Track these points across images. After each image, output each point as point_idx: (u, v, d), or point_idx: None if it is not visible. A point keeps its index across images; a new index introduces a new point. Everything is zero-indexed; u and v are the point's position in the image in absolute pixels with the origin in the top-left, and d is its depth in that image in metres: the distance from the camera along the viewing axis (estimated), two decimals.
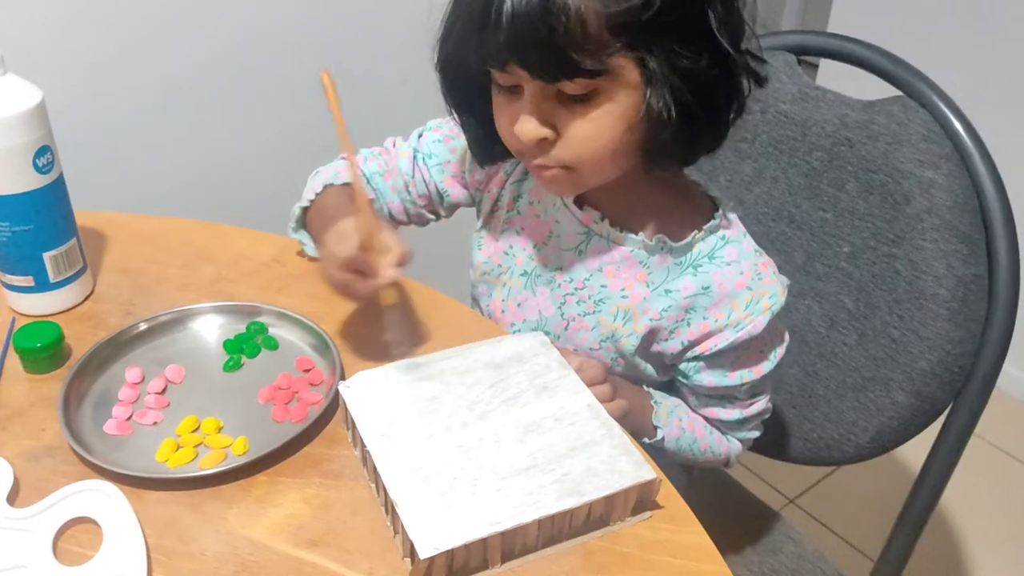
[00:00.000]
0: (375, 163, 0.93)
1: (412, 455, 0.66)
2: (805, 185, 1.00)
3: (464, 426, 0.69)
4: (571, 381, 0.74)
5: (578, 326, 0.86)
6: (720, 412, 0.88)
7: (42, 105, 0.78)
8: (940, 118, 0.91)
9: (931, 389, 0.93)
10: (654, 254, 0.82)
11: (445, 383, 0.73)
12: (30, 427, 0.73)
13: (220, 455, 0.71)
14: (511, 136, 0.75)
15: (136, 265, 0.92)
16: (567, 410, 0.71)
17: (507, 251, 0.90)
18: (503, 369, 0.74)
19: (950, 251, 0.89)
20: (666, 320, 0.82)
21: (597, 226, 0.83)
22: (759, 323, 0.81)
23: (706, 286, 0.81)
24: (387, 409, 0.70)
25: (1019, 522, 1.70)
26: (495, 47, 0.68)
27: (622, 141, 0.73)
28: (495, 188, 0.91)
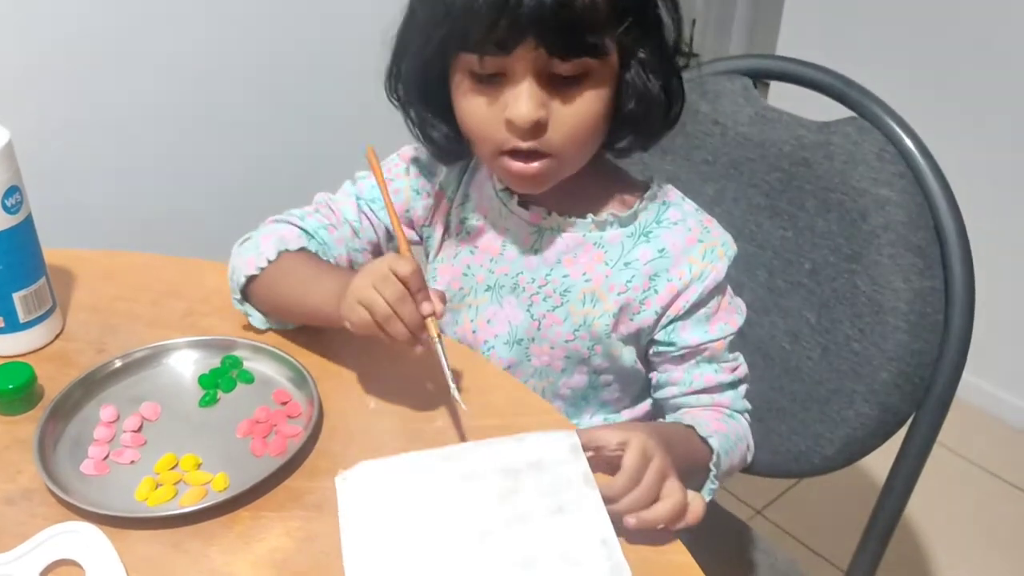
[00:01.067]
0: (315, 219, 0.91)
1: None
2: (765, 205, 1.03)
3: (461, 551, 0.63)
4: (590, 505, 0.65)
5: (550, 322, 0.88)
6: (714, 375, 0.88)
7: (10, 145, 0.78)
8: (893, 137, 0.94)
9: (893, 400, 0.95)
10: (605, 231, 0.86)
11: (452, 489, 0.66)
12: (5, 470, 0.73)
13: (200, 492, 0.70)
14: (491, 128, 0.77)
15: (105, 303, 0.91)
16: (577, 546, 0.63)
17: (465, 272, 0.91)
18: (519, 478, 0.67)
19: (907, 265, 0.92)
20: (633, 291, 0.85)
21: (546, 220, 0.86)
22: (720, 268, 0.85)
23: (661, 249, 0.85)
24: (380, 518, 0.65)
25: (983, 527, 1.74)
26: (510, 30, 0.70)
27: (601, 124, 0.78)
28: (441, 217, 0.93)
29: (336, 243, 0.91)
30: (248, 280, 0.85)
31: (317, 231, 0.90)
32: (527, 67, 0.73)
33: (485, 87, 0.76)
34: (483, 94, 0.76)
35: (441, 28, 0.75)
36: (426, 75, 0.80)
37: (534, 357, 0.89)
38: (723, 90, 1.06)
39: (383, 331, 0.72)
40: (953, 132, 1.41)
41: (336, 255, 0.91)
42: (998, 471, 1.85)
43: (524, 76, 0.74)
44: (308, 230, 0.90)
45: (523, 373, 0.90)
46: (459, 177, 0.92)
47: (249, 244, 0.88)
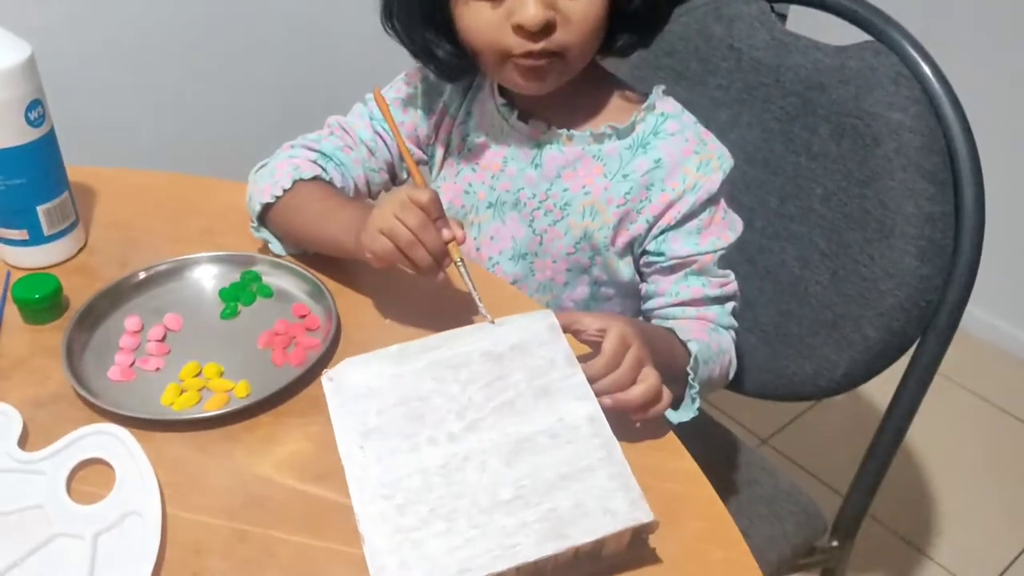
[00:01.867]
0: (330, 142, 0.92)
1: (389, 474, 0.62)
2: (779, 130, 1.03)
3: (451, 439, 0.64)
4: (576, 384, 0.67)
5: (551, 236, 0.90)
6: (702, 288, 0.89)
7: (32, 59, 0.79)
8: (909, 62, 0.93)
9: (900, 324, 0.97)
10: (603, 143, 0.87)
11: (437, 379, 0.67)
12: (34, 376, 0.75)
13: (223, 398, 0.73)
14: (500, 35, 0.78)
15: (127, 219, 0.93)
16: (565, 423, 0.65)
17: (467, 190, 0.93)
18: (503, 363, 0.68)
19: (918, 191, 0.93)
20: (631, 202, 0.87)
21: (546, 134, 0.88)
22: (714, 180, 0.86)
23: (657, 159, 0.86)
24: (368, 410, 0.66)
25: (982, 456, 1.77)
26: None
27: (604, 19, 0.79)
28: (444, 134, 0.94)
29: (353, 163, 0.92)
30: (264, 208, 0.86)
31: (334, 153, 0.91)
32: None
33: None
34: (487, 1, 0.77)
35: None
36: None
37: (538, 271, 0.91)
38: (739, 14, 1.06)
39: (407, 258, 0.73)
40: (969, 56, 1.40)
41: (355, 175, 0.92)
42: (1001, 403, 1.88)
43: None
44: (325, 152, 0.91)
45: (528, 287, 0.92)
46: (463, 95, 0.93)
47: (264, 171, 0.89)
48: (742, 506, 1.07)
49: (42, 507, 0.64)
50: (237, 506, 0.65)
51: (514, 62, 0.80)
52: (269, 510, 0.65)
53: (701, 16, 1.09)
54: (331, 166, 0.90)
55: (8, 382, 0.75)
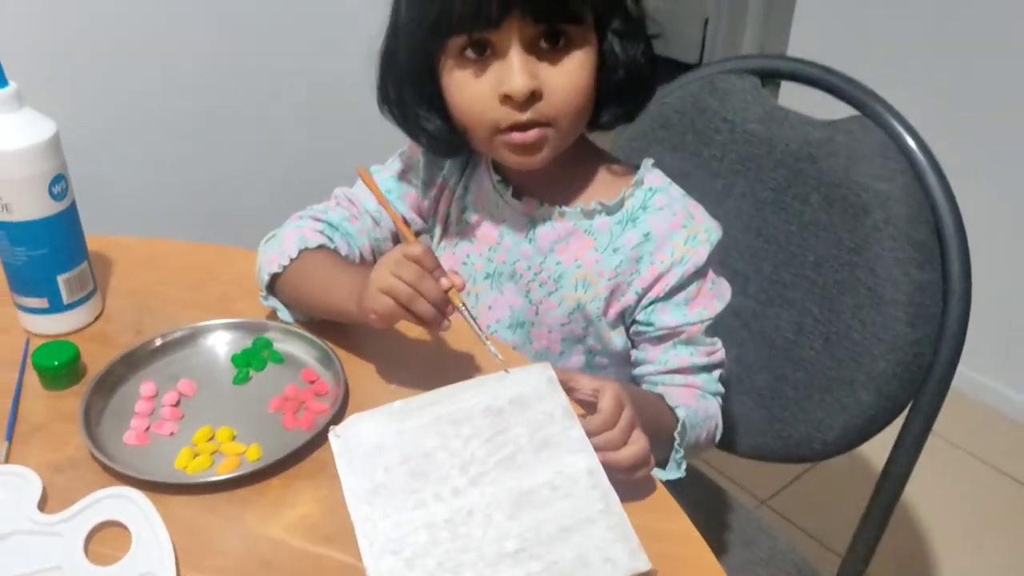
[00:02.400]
0: (337, 213, 0.96)
1: (397, 530, 0.65)
2: (772, 199, 1.07)
3: (455, 494, 0.66)
4: (573, 437, 0.69)
5: (546, 307, 0.93)
6: (690, 357, 0.92)
7: (56, 136, 0.83)
8: (895, 135, 0.98)
9: (892, 388, 0.99)
10: (594, 219, 0.90)
11: (440, 434, 0.70)
12: (53, 440, 0.78)
13: (235, 461, 0.75)
14: (486, 107, 0.81)
15: (143, 286, 0.96)
16: (565, 476, 0.67)
17: (465, 261, 0.96)
18: (503, 417, 0.71)
19: (906, 258, 0.96)
20: (622, 275, 0.90)
21: (539, 211, 0.91)
22: (701, 253, 0.89)
23: (646, 233, 0.89)
24: (375, 467, 0.68)
25: (978, 515, 1.78)
26: (500, 4, 0.75)
27: (591, 90, 0.83)
28: (443, 208, 0.98)
29: (359, 233, 0.96)
30: (272, 277, 0.89)
31: (340, 223, 0.95)
32: (515, 40, 0.78)
33: (475, 69, 0.80)
34: (474, 76, 0.81)
35: (430, 14, 0.79)
36: (415, 69, 0.84)
37: (535, 340, 0.94)
38: (732, 88, 1.10)
39: (409, 312, 0.75)
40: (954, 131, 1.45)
41: (361, 244, 0.95)
42: (996, 463, 1.89)
43: (513, 49, 0.78)
44: (332, 222, 0.94)
45: (525, 355, 0.95)
46: (461, 170, 0.96)
47: (273, 242, 0.92)
48: (740, 567, 1.08)
49: (60, 568, 0.66)
50: (249, 568, 0.67)
51: (503, 139, 0.83)
52: (279, 571, 0.67)
53: (696, 90, 1.14)
54: (337, 235, 0.93)
55: (28, 446, 0.77)
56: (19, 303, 0.88)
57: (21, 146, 0.80)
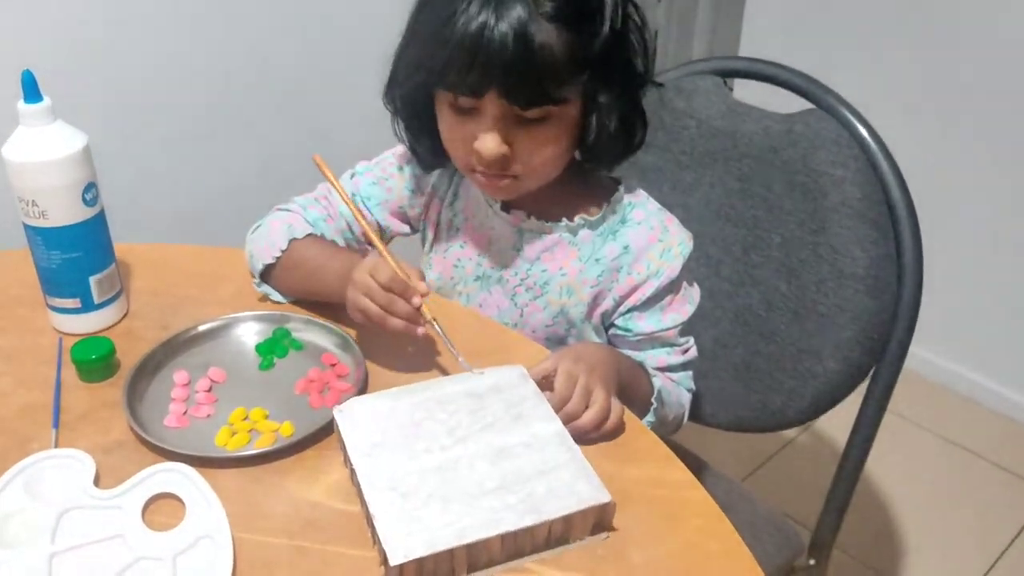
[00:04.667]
0: (316, 210, 1.02)
1: (393, 474, 0.74)
2: (739, 188, 1.17)
3: (443, 449, 0.76)
4: (544, 411, 0.81)
5: (531, 310, 1.01)
6: (666, 358, 1.01)
7: (88, 147, 0.89)
8: (847, 125, 1.08)
9: (856, 355, 1.09)
10: (578, 233, 0.98)
11: (428, 410, 0.80)
12: (98, 426, 0.84)
13: (272, 436, 0.82)
14: (465, 153, 0.89)
15: (164, 287, 1.03)
16: (537, 436, 0.78)
17: (456, 264, 1.03)
18: (482, 399, 0.82)
19: (863, 236, 1.06)
20: (603, 283, 0.98)
21: (526, 223, 0.98)
22: (675, 267, 0.97)
23: (625, 246, 0.97)
24: (374, 432, 0.78)
25: (937, 489, 1.89)
26: (479, 79, 0.82)
27: (564, 154, 0.91)
28: (434, 215, 1.04)
29: (334, 233, 1.02)
30: (266, 267, 0.97)
31: (317, 222, 1.01)
32: (494, 110, 0.84)
33: (461, 117, 0.87)
34: (458, 123, 0.88)
35: (426, 65, 0.86)
36: (415, 97, 0.92)
37: None
38: (697, 88, 1.20)
39: (385, 328, 0.85)
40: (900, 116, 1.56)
41: (339, 243, 1.01)
42: (952, 437, 2.01)
43: (491, 117, 0.85)
44: (309, 221, 1.00)
45: None
46: (450, 178, 1.03)
47: (261, 232, 0.99)
48: None
49: (123, 536, 0.72)
50: (295, 527, 0.74)
51: (476, 176, 0.91)
52: (323, 529, 0.74)
53: (664, 92, 1.23)
54: (316, 233, 0.99)
55: (75, 432, 0.83)
56: (52, 304, 0.94)
57: (57, 157, 0.86)
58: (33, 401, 0.87)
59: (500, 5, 0.80)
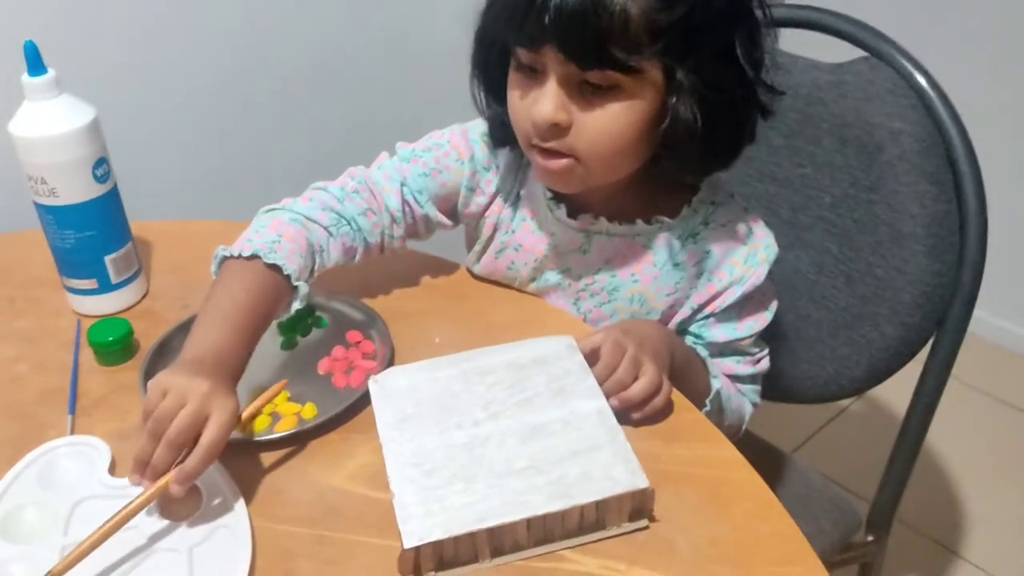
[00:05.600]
0: (353, 204, 0.89)
1: (420, 449, 0.70)
2: (784, 145, 1.09)
3: (475, 424, 0.72)
4: (588, 386, 0.75)
5: (596, 316, 0.93)
6: (735, 367, 0.94)
7: (96, 121, 0.86)
8: (903, 73, 1.00)
9: (915, 319, 1.02)
10: (654, 236, 0.89)
11: (466, 382, 0.76)
12: (115, 411, 0.81)
13: (293, 420, 0.78)
14: (523, 118, 0.79)
15: (184, 265, 0.99)
16: (577, 414, 0.72)
17: (510, 267, 0.94)
18: (524, 370, 0.76)
19: (922, 192, 0.98)
20: (681, 291, 0.90)
21: (595, 226, 0.89)
22: (760, 274, 0.89)
23: (707, 250, 0.89)
24: (407, 403, 0.74)
25: (1001, 456, 1.80)
26: (537, 27, 0.72)
27: (634, 142, 0.78)
28: (492, 217, 0.93)
29: (373, 228, 0.90)
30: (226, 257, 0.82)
31: (354, 218, 0.89)
32: (555, 68, 0.75)
33: (525, 80, 0.78)
34: (521, 86, 0.79)
35: (495, 13, 0.79)
36: (488, 55, 0.83)
37: None
38: None
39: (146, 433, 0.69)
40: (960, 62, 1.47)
41: (370, 239, 0.90)
42: (1017, 403, 1.92)
43: (551, 77, 0.76)
44: (345, 216, 0.88)
45: None
46: (515, 176, 0.92)
47: (265, 219, 0.86)
48: None
49: (137, 527, 0.69)
50: (317, 515, 0.70)
51: (533, 155, 0.81)
52: (346, 516, 0.70)
53: None
54: (343, 231, 0.88)
55: (91, 418, 0.80)
56: (69, 285, 0.91)
57: (63, 131, 0.83)
58: (51, 385, 0.84)
59: None
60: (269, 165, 1.42)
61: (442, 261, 0.99)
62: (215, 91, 1.34)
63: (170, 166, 1.32)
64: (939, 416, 1.09)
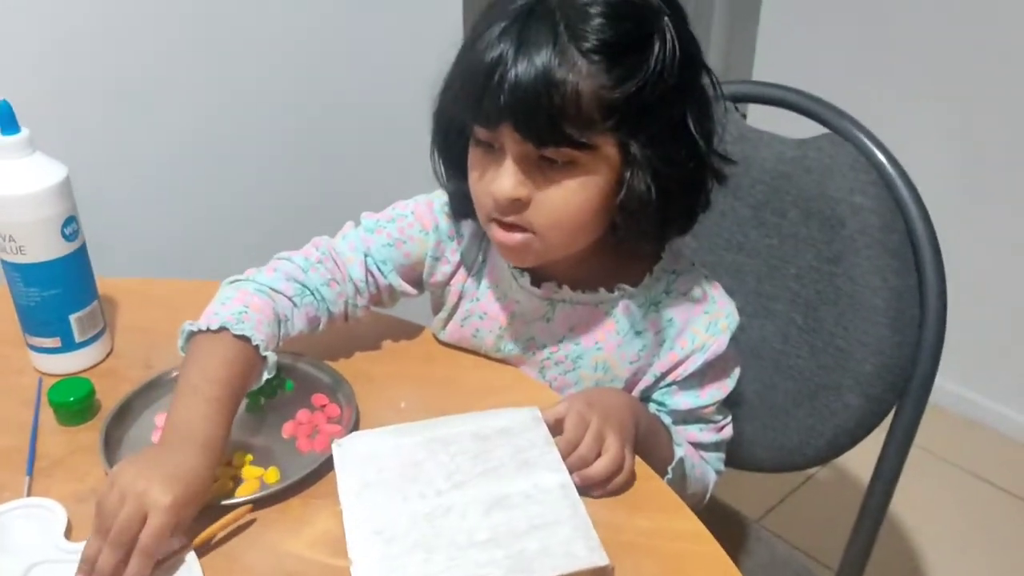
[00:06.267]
0: (316, 274, 0.89)
1: (381, 517, 0.70)
2: (751, 216, 1.12)
3: (438, 494, 0.71)
4: (551, 459, 0.75)
5: (560, 385, 0.93)
6: (698, 435, 0.94)
7: (67, 180, 0.86)
8: (864, 151, 1.02)
9: (877, 390, 1.03)
10: (616, 304, 0.90)
11: (430, 450, 0.75)
12: (74, 472, 0.80)
13: (255, 484, 0.77)
14: (483, 193, 0.80)
15: (149, 324, 0.99)
16: (539, 487, 0.72)
17: (475, 335, 0.94)
18: (489, 441, 0.76)
19: (883, 266, 1.01)
20: (643, 359, 0.90)
21: (558, 294, 0.89)
22: (722, 342, 0.89)
23: (669, 318, 0.90)
24: (369, 470, 0.73)
25: (965, 525, 1.81)
26: (493, 106, 0.74)
27: (591, 215, 0.79)
28: (456, 284, 0.94)
29: (337, 298, 0.90)
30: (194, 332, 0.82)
31: (317, 288, 0.89)
32: (512, 146, 0.76)
33: (484, 156, 0.79)
34: (480, 163, 0.80)
35: (453, 95, 0.80)
36: (448, 133, 0.85)
37: None
38: None
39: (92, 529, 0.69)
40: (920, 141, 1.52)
41: (334, 308, 0.90)
42: (979, 472, 1.93)
43: (508, 154, 0.77)
44: (308, 286, 0.89)
45: None
46: (479, 246, 0.93)
47: (229, 290, 0.86)
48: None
49: None
50: None
51: (494, 227, 0.81)
52: None
53: None
54: (307, 301, 0.88)
55: (50, 479, 0.79)
56: (32, 343, 0.90)
57: (34, 190, 0.83)
58: (9, 444, 0.83)
59: (527, 32, 0.73)
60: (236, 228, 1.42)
61: (409, 324, 0.99)
62: (186, 152, 1.35)
63: (138, 224, 1.32)
64: (903, 485, 1.09)
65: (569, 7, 0.74)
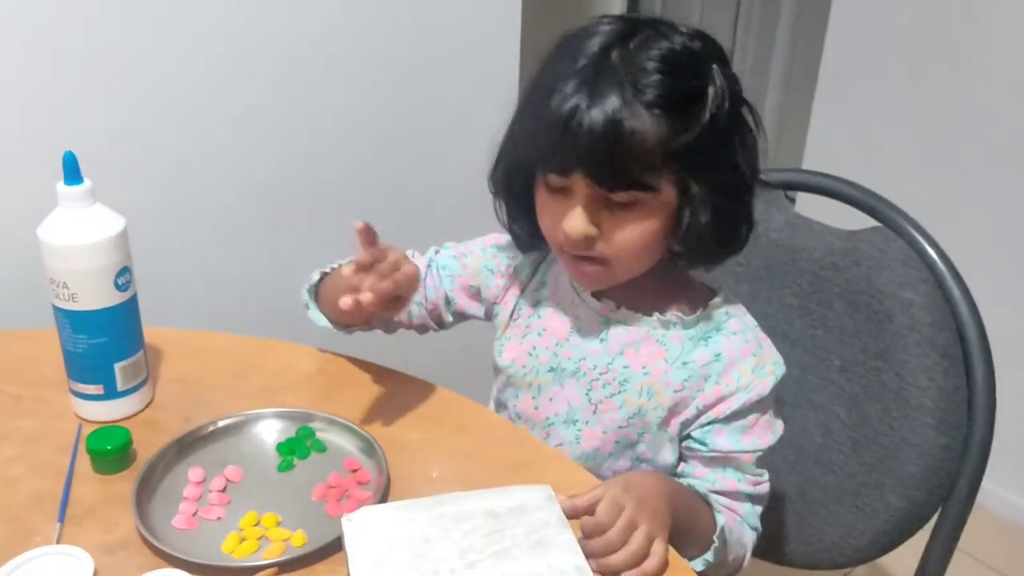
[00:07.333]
0: None
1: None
2: (797, 305, 1.11)
3: (451, 572, 0.70)
4: (567, 539, 0.73)
5: (606, 407, 0.94)
6: (736, 482, 0.92)
7: (124, 231, 0.88)
8: (916, 246, 1.02)
9: (921, 493, 1.00)
10: (669, 330, 0.93)
11: (443, 527, 0.74)
12: (104, 522, 0.80)
13: (281, 547, 0.77)
14: (555, 231, 0.87)
15: (191, 376, 1.00)
16: (554, 568, 0.70)
17: (531, 352, 0.98)
18: (502, 519, 0.75)
19: (932, 365, 0.99)
20: (688, 389, 0.92)
21: (615, 314, 0.94)
22: (766, 384, 0.91)
23: (717, 354, 0.92)
24: (381, 547, 0.72)
25: None
26: (567, 155, 0.82)
27: (655, 244, 0.87)
28: (511, 299, 1.01)
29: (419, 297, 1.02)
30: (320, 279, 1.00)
31: None
32: (582, 190, 0.83)
33: (554, 197, 0.87)
34: (552, 202, 0.87)
35: (523, 143, 0.88)
36: (514, 176, 0.92)
37: (584, 440, 0.95)
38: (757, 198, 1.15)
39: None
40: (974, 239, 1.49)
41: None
42: None
43: (578, 197, 0.84)
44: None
45: (572, 453, 0.96)
46: (534, 264, 1.01)
47: None
48: None
49: None
50: None
51: (567, 259, 0.90)
52: None
53: None
54: None
55: (80, 528, 0.79)
56: (75, 389, 0.91)
57: (92, 241, 0.85)
58: (43, 490, 0.83)
59: (595, 87, 0.80)
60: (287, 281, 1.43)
61: (445, 392, 0.99)
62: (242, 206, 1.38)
63: (189, 275, 1.34)
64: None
65: (629, 64, 0.81)
